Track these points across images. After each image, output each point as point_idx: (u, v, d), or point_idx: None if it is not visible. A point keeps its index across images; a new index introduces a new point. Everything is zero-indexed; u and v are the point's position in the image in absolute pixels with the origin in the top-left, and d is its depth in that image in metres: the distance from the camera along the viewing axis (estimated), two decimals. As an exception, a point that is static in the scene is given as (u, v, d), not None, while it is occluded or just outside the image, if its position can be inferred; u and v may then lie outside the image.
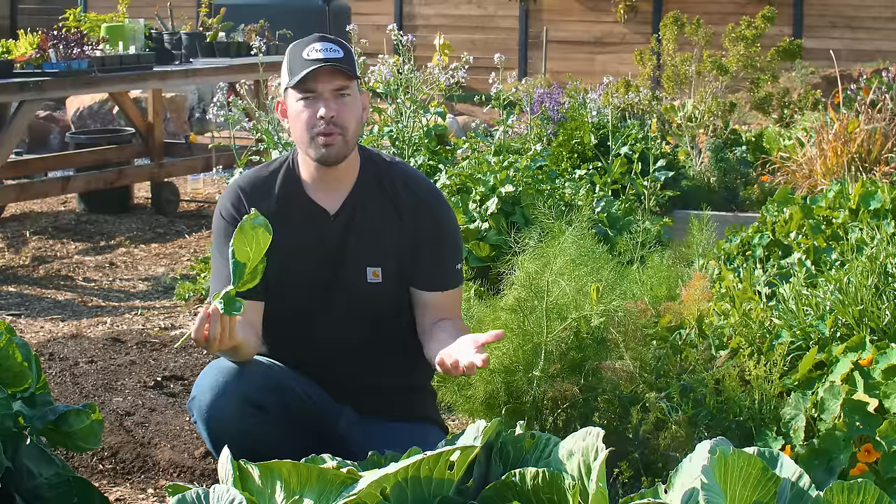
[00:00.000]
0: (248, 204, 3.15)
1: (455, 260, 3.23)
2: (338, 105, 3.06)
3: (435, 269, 3.19)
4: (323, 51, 3.05)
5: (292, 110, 3.10)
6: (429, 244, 3.18)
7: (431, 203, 3.21)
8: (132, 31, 7.98)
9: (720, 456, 2.22)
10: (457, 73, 6.25)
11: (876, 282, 3.40)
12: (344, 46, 3.10)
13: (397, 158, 3.33)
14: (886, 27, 12.95)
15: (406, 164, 3.32)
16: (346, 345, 3.21)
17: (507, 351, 3.43)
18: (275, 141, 5.87)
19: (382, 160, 3.25)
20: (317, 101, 3.06)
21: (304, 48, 3.07)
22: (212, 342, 2.75)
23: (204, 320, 2.73)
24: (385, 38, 6.62)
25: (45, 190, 7.69)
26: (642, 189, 6.19)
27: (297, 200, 3.18)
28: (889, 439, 2.90)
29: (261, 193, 3.18)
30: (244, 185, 3.21)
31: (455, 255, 3.23)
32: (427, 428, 3.28)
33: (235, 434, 2.96)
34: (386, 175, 3.21)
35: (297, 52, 3.08)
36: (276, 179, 3.20)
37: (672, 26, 7.85)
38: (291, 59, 3.09)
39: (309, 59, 3.04)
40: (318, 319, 3.19)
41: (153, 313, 5.71)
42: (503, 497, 2.35)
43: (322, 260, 3.16)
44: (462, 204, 5.51)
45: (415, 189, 3.21)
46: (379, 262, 3.17)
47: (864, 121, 6.70)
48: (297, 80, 3.05)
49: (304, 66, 3.04)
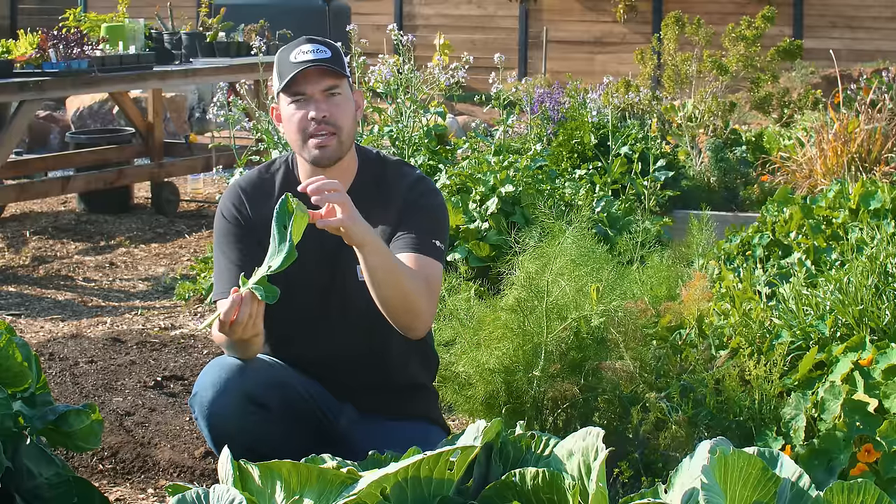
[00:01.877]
0: (248, 204, 3.16)
1: (433, 232, 3.12)
2: (329, 105, 3.05)
3: (412, 233, 3.10)
4: (310, 52, 3.04)
5: (284, 114, 3.10)
6: (411, 216, 3.12)
7: (423, 191, 3.19)
8: (132, 31, 7.98)
9: (720, 456, 2.22)
10: (457, 73, 6.25)
11: (876, 282, 3.40)
12: (331, 46, 3.09)
13: (395, 158, 3.32)
14: (886, 27, 12.95)
15: (404, 162, 3.30)
16: (347, 344, 3.21)
17: (507, 351, 3.44)
18: (275, 141, 5.87)
19: (380, 160, 3.24)
20: (307, 102, 3.05)
21: (291, 51, 3.07)
22: (237, 326, 2.76)
23: (237, 302, 2.74)
24: (385, 38, 6.63)
25: (45, 190, 7.69)
26: (642, 189, 6.19)
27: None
28: (889, 439, 2.90)
29: (261, 194, 3.18)
30: (245, 186, 3.21)
31: (434, 228, 3.13)
32: (428, 428, 3.28)
33: (236, 431, 2.96)
34: (383, 176, 3.20)
35: (286, 56, 3.08)
36: (275, 180, 3.20)
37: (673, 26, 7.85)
38: (280, 63, 3.09)
39: (296, 62, 3.04)
40: (319, 320, 3.19)
41: (153, 313, 5.71)
42: (503, 497, 2.35)
43: (321, 261, 3.16)
44: (462, 204, 5.51)
45: (409, 184, 3.19)
46: None
47: (864, 121, 6.70)
48: (285, 83, 3.05)
49: (291, 69, 3.04)
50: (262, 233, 3.13)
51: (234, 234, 3.15)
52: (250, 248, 3.12)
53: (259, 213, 3.14)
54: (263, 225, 3.13)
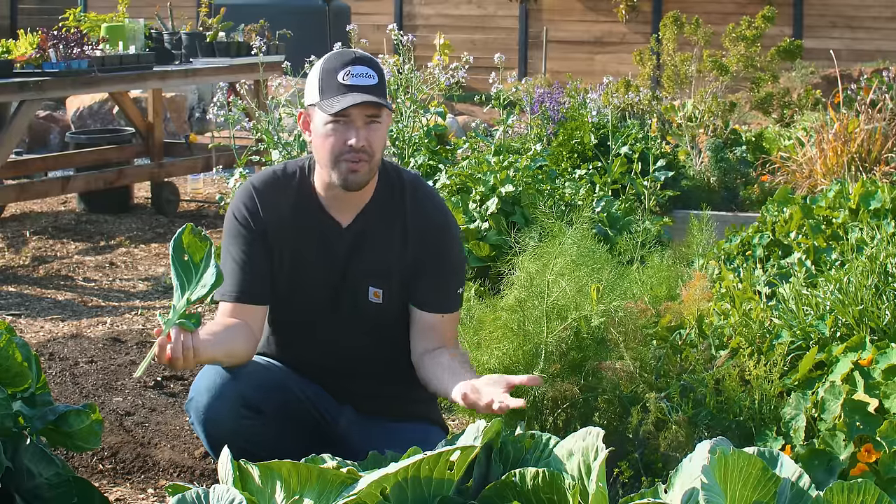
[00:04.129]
0: (261, 205, 3.11)
1: (456, 284, 3.18)
2: (368, 132, 2.97)
3: (435, 291, 3.14)
4: (361, 76, 2.95)
5: (319, 130, 3.00)
6: (432, 265, 3.13)
7: (440, 225, 3.16)
8: (132, 31, 7.98)
9: (720, 456, 2.22)
10: (457, 73, 6.25)
11: (876, 282, 3.40)
12: (379, 70, 3.00)
13: (413, 173, 3.25)
14: (886, 27, 12.95)
15: (421, 180, 3.24)
16: (350, 352, 3.20)
17: (507, 351, 3.43)
18: (275, 141, 5.86)
19: (399, 177, 3.18)
20: (348, 127, 2.96)
21: (339, 69, 2.96)
22: (177, 362, 2.73)
23: (163, 346, 2.71)
24: (385, 38, 6.63)
25: (45, 190, 7.69)
26: (642, 189, 6.19)
27: (311, 210, 3.13)
28: (889, 439, 2.90)
29: (276, 197, 3.13)
30: (259, 186, 3.14)
31: (457, 280, 3.18)
32: (428, 428, 3.28)
33: (232, 435, 2.95)
34: (400, 194, 3.15)
35: (331, 71, 2.97)
36: (291, 185, 3.14)
37: (672, 26, 7.86)
38: (325, 76, 2.98)
39: (344, 84, 2.94)
40: (323, 327, 3.19)
41: (153, 313, 5.71)
42: (503, 497, 2.35)
43: (329, 271, 3.14)
44: (462, 204, 5.51)
45: (426, 209, 3.15)
46: (381, 283, 3.13)
47: (864, 121, 6.70)
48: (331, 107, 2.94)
49: (338, 91, 2.94)
50: (271, 236, 3.12)
51: (243, 237, 3.11)
52: (256, 252, 3.10)
53: (271, 214, 3.11)
54: (274, 228, 3.11)
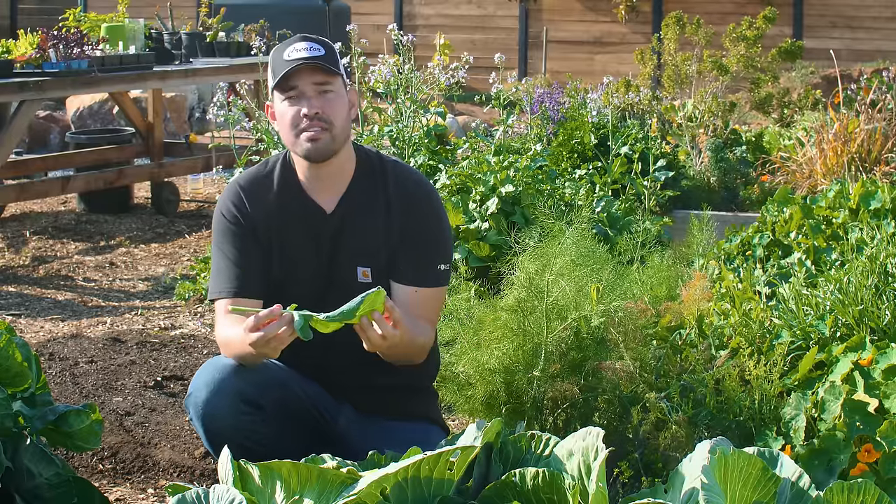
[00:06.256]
0: (248, 202, 3.17)
1: (438, 259, 3.18)
2: (321, 101, 3.07)
3: (414, 263, 3.16)
4: (303, 50, 3.07)
5: (278, 111, 3.13)
6: (412, 235, 3.16)
7: (421, 197, 3.20)
8: (132, 31, 7.98)
9: (720, 456, 2.22)
10: (457, 73, 6.25)
11: (876, 282, 3.40)
12: (325, 44, 3.12)
13: (394, 157, 3.32)
14: (886, 27, 12.95)
15: (402, 162, 3.31)
16: (344, 343, 3.19)
17: (507, 351, 3.43)
18: (275, 141, 5.86)
19: (379, 159, 3.25)
20: (300, 99, 3.08)
21: (285, 49, 3.10)
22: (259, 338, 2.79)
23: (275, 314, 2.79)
24: (385, 38, 6.63)
25: (45, 190, 7.69)
26: (642, 189, 6.19)
27: (295, 199, 3.19)
28: (889, 439, 2.90)
29: (261, 192, 3.19)
30: (244, 184, 3.22)
31: (438, 254, 3.19)
32: (428, 428, 3.28)
33: (231, 432, 2.96)
34: (381, 175, 3.21)
35: (279, 54, 3.11)
36: (273, 177, 3.21)
37: (673, 26, 7.86)
38: (274, 61, 3.12)
39: (289, 59, 3.07)
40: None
41: (153, 313, 5.71)
42: (503, 497, 2.35)
43: (319, 258, 3.17)
44: (462, 204, 5.51)
45: (407, 185, 3.20)
46: (368, 262, 3.16)
47: (864, 121, 6.70)
48: (278, 80, 3.07)
49: (285, 67, 3.07)
50: (261, 231, 3.15)
51: (234, 233, 3.16)
52: (248, 248, 3.14)
53: (258, 210, 3.16)
54: (262, 223, 3.15)
